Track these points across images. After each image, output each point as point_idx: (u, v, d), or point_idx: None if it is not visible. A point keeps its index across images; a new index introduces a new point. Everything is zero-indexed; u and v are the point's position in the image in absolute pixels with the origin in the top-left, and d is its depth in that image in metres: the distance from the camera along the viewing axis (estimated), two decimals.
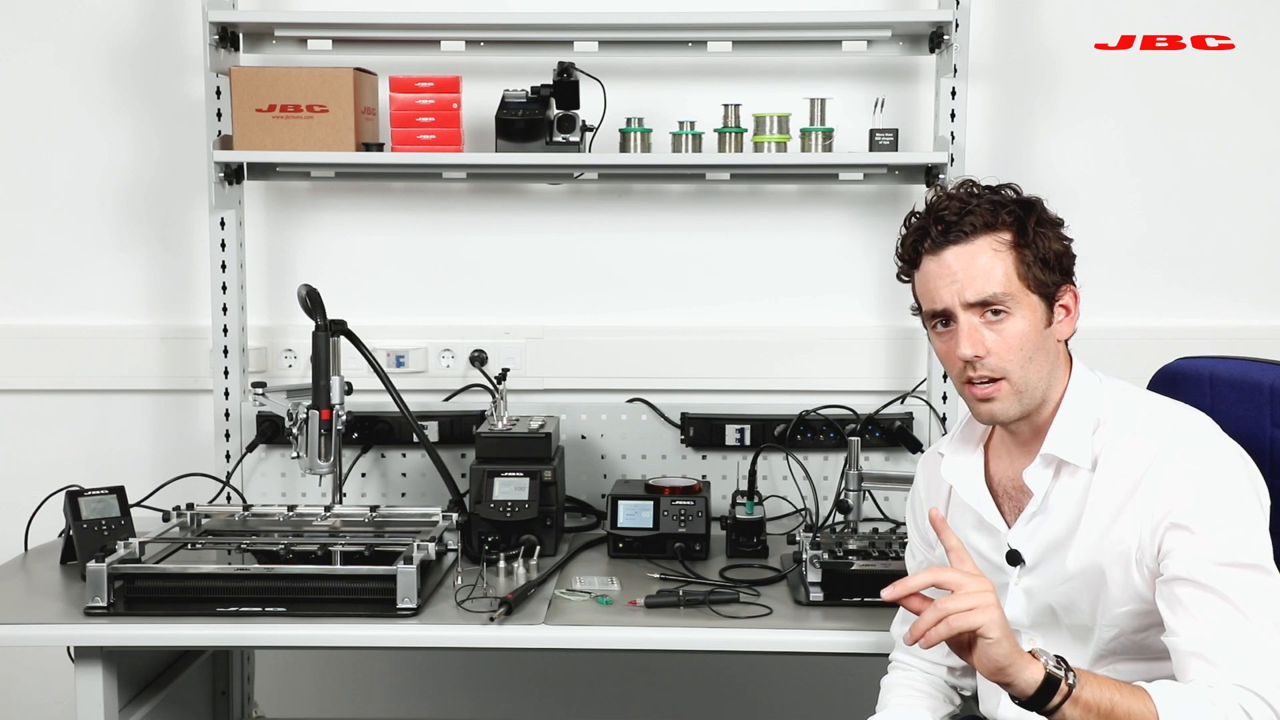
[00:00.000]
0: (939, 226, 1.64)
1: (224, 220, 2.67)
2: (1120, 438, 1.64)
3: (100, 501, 2.31)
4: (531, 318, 2.83)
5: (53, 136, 2.81)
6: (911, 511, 1.96)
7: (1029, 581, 1.72)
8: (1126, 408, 1.68)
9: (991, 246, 1.63)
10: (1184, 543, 1.54)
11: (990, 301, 1.62)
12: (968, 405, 1.71)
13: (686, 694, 2.97)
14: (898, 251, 1.72)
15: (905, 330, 2.79)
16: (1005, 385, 1.64)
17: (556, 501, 2.42)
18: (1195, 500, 1.56)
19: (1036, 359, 1.64)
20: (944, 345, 1.68)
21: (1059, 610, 1.70)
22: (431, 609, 2.08)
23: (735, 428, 2.73)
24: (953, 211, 1.64)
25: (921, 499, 1.91)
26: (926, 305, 1.69)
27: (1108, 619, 1.64)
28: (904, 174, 2.72)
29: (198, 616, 2.06)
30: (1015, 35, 2.76)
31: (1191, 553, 1.54)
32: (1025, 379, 1.64)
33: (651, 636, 2.05)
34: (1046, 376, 1.66)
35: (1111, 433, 1.65)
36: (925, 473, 1.92)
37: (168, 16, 2.78)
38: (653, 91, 2.74)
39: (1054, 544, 1.68)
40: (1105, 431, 1.65)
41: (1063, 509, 1.67)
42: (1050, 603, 1.70)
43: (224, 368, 2.70)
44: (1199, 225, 2.79)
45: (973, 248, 1.63)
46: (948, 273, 1.64)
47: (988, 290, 1.62)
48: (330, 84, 2.53)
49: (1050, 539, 1.68)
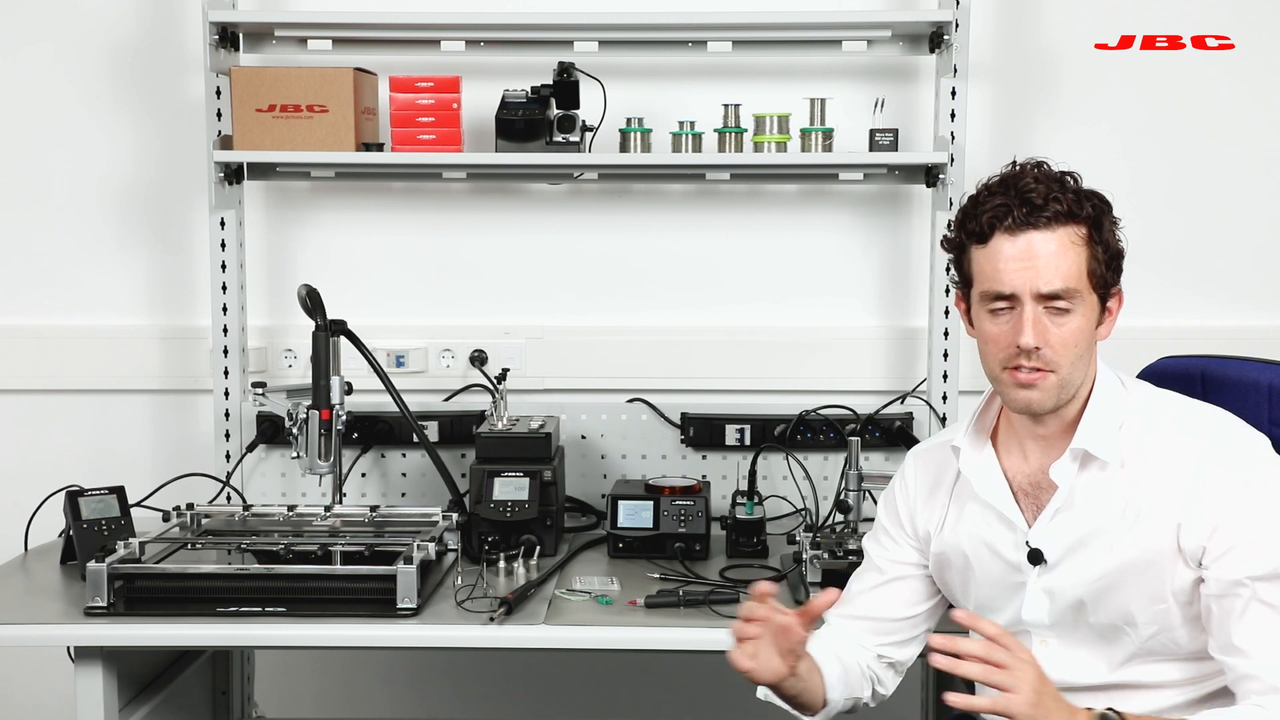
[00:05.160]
0: (1024, 208, 1.59)
1: (224, 220, 2.67)
2: (1152, 434, 1.63)
3: (100, 501, 2.31)
4: (531, 318, 2.83)
5: (53, 136, 2.81)
6: (891, 502, 1.89)
7: (1050, 580, 1.69)
8: (1153, 405, 1.67)
9: (1070, 239, 1.60)
10: (1236, 550, 1.54)
11: (1060, 295, 1.59)
12: (1001, 390, 1.67)
13: (686, 694, 2.97)
14: (965, 223, 1.66)
15: (905, 330, 2.78)
16: (1053, 378, 1.62)
17: (556, 501, 2.42)
18: (1247, 506, 1.55)
19: (1085, 357, 1.64)
20: (997, 328, 1.64)
21: (1088, 607, 1.66)
22: (431, 609, 2.08)
23: (735, 428, 2.73)
24: (1040, 195, 1.59)
25: (909, 492, 1.86)
26: (988, 285, 1.63)
27: (1148, 615, 1.62)
28: (904, 174, 2.71)
29: (198, 616, 2.06)
30: (1015, 35, 2.76)
31: (1244, 562, 1.53)
32: (1071, 376, 1.62)
33: (651, 636, 2.05)
34: (1084, 373, 1.65)
35: (1139, 429, 1.64)
36: (921, 465, 1.87)
37: (168, 16, 2.78)
38: (653, 91, 2.74)
39: (1080, 541, 1.65)
40: (1133, 428, 1.64)
41: (1089, 505, 1.65)
42: (1080, 598, 1.66)
43: (224, 368, 2.70)
44: (1198, 225, 2.79)
45: (1054, 236, 1.59)
46: (1025, 257, 1.59)
47: (1061, 284, 1.59)
48: (330, 84, 2.53)
49: (1076, 536, 1.66)
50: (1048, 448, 1.70)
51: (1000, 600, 1.74)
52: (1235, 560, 1.54)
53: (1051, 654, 1.70)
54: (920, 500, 1.85)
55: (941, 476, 1.83)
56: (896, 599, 1.86)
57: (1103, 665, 1.67)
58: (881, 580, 1.87)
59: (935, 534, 1.82)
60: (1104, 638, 1.67)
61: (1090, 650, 1.67)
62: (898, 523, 1.88)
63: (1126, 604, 1.63)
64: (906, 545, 1.87)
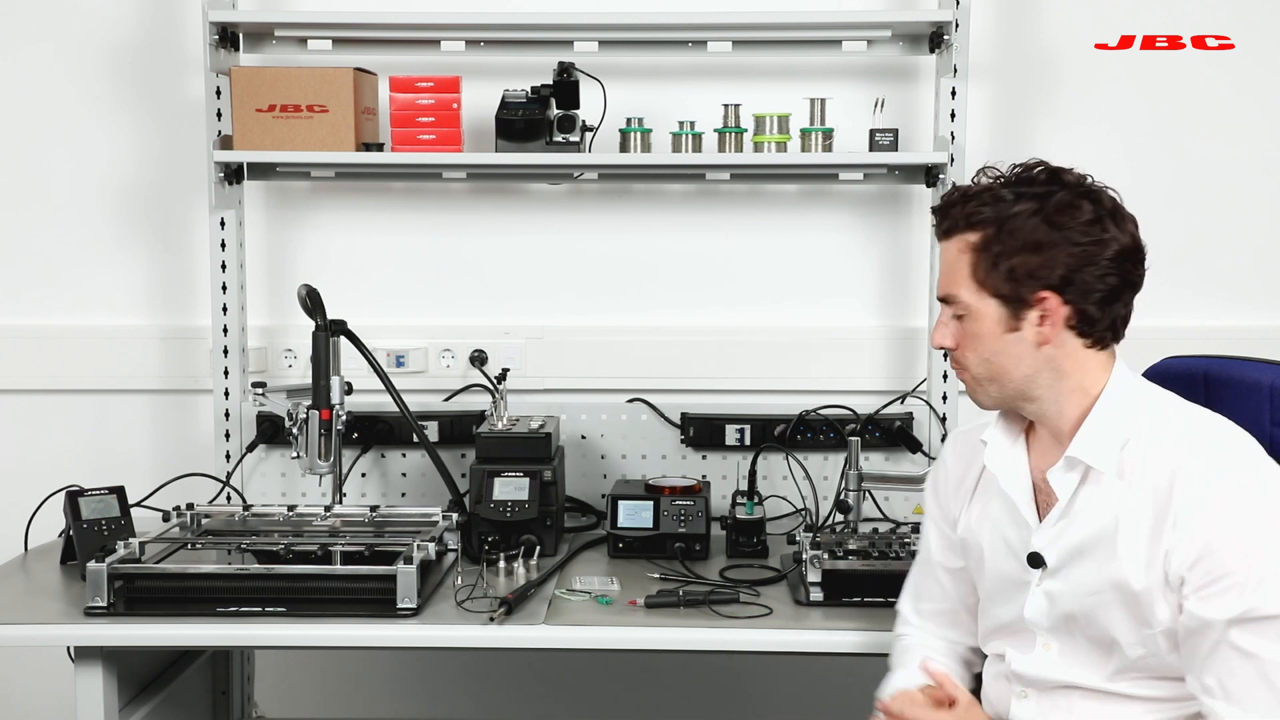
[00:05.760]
0: (937, 220, 1.71)
1: (224, 220, 2.67)
2: (1156, 450, 1.59)
3: (100, 501, 2.31)
4: (531, 318, 2.83)
5: (53, 136, 2.81)
6: (933, 486, 1.90)
7: (1050, 585, 1.67)
8: (1165, 418, 1.63)
9: (959, 247, 1.66)
10: (1213, 588, 1.50)
11: (948, 300, 1.68)
12: None
13: (686, 694, 2.97)
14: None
15: (905, 330, 2.79)
16: (968, 377, 1.70)
17: (556, 501, 2.42)
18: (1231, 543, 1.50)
19: (998, 360, 1.65)
20: None
21: (1080, 620, 1.64)
22: (431, 609, 2.08)
23: (735, 428, 2.73)
24: (946, 207, 1.69)
25: (948, 475, 1.87)
26: None
27: (1138, 638, 1.59)
28: (904, 174, 2.71)
29: (198, 616, 2.06)
30: (1015, 35, 2.76)
31: (1219, 602, 1.50)
32: (988, 375, 1.67)
33: (651, 636, 2.05)
34: (1029, 378, 1.64)
35: (1146, 444, 1.60)
36: (956, 450, 1.87)
37: (168, 16, 2.78)
38: (653, 91, 2.74)
39: (1077, 551, 1.63)
40: (1140, 442, 1.60)
41: (1088, 517, 1.62)
42: (1071, 612, 1.65)
43: (224, 368, 2.70)
44: (1198, 225, 2.79)
45: (951, 244, 1.68)
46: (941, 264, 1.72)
47: (945, 290, 1.68)
48: (330, 84, 2.53)
49: (1073, 545, 1.64)
50: (1054, 452, 1.69)
51: (1006, 595, 1.74)
52: (1211, 598, 1.50)
53: (1053, 657, 1.69)
54: (952, 484, 1.85)
55: (973, 462, 1.82)
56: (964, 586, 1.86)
57: (1097, 675, 1.65)
58: (932, 569, 1.88)
59: (960, 518, 1.82)
60: (1100, 648, 1.64)
61: (1087, 657, 1.65)
62: (936, 504, 1.89)
63: (1114, 625, 1.60)
64: (947, 529, 1.86)
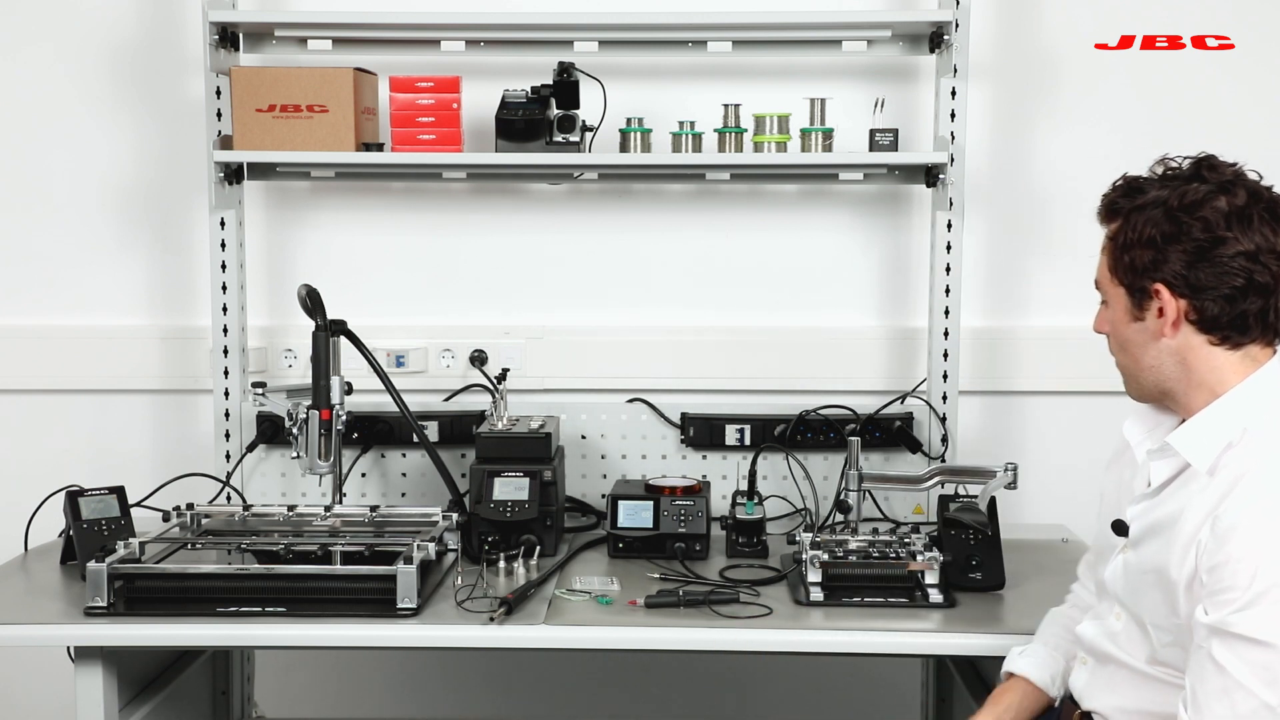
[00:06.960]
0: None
1: (224, 220, 2.67)
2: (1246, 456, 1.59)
3: (100, 501, 2.31)
4: (531, 318, 2.83)
5: (53, 136, 2.81)
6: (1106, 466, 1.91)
7: (1129, 555, 1.72)
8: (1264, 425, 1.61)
9: (1106, 235, 1.74)
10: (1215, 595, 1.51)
11: (1096, 286, 1.76)
12: None
13: (686, 694, 2.97)
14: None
15: (905, 330, 2.79)
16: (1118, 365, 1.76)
17: (556, 501, 2.42)
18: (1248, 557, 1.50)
19: (1132, 349, 1.70)
20: None
21: (1132, 598, 1.69)
22: (431, 609, 2.08)
23: (735, 428, 2.72)
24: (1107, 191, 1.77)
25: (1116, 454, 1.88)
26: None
27: (1168, 624, 1.62)
28: (904, 174, 2.71)
29: (198, 616, 2.06)
30: (1015, 35, 2.76)
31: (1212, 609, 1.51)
32: (1124, 365, 1.74)
33: (651, 636, 2.05)
34: (1155, 369, 1.68)
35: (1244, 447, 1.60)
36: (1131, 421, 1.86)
37: (168, 16, 2.78)
38: (653, 91, 2.74)
39: (1151, 530, 1.67)
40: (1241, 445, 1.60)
41: (1171, 503, 1.66)
42: (1135, 586, 1.69)
43: (224, 368, 2.70)
44: None
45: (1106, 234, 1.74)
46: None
47: (1096, 276, 1.75)
48: (330, 84, 2.53)
49: (1150, 523, 1.68)
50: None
51: (1103, 557, 1.79)
52: (1212, 605, 1.51)
53: (1115, 628, 1.72)
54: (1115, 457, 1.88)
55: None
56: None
57: (1140, 656, 1.68)
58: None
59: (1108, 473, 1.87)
60: (1140, 629, 1.68)
61: (1137, 635, 1.68)
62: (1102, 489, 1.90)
63: (1152, 609, 1.64)
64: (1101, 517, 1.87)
